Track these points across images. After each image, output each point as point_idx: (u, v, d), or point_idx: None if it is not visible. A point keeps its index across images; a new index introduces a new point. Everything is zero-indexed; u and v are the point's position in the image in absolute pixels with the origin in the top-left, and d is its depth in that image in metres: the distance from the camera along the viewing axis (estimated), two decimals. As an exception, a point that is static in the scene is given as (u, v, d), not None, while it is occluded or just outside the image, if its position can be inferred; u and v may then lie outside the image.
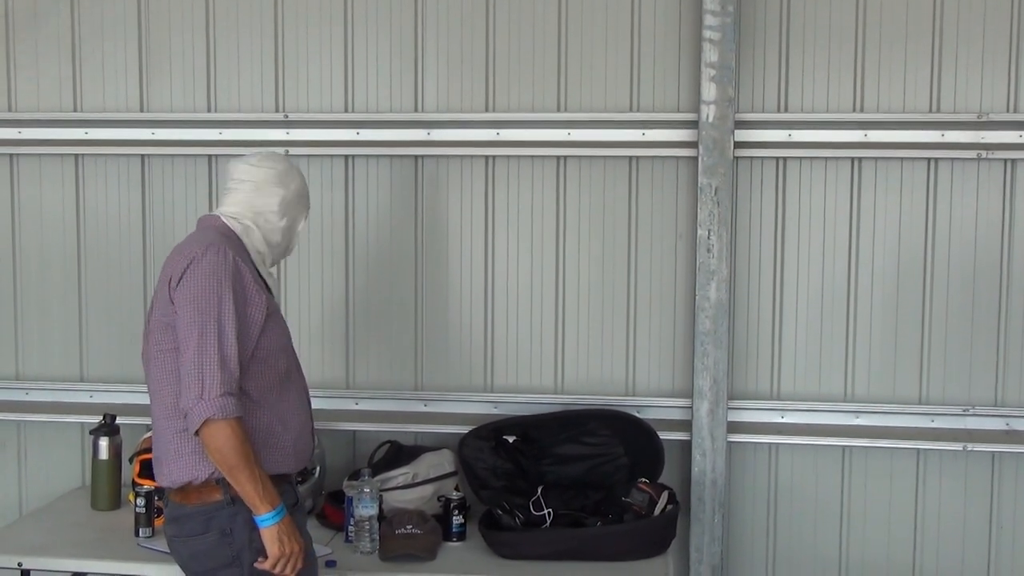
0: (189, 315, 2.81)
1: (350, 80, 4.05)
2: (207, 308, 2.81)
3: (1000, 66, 3.78)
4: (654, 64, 3.92)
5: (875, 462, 3.93)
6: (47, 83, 4.18)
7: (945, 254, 3.87)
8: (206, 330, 2.79)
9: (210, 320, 2.80)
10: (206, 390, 2.76)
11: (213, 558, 2.91)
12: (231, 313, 2.82)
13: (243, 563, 2.89)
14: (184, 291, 2.83)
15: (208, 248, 2.88)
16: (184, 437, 2.86)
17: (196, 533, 2.91)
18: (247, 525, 2.87)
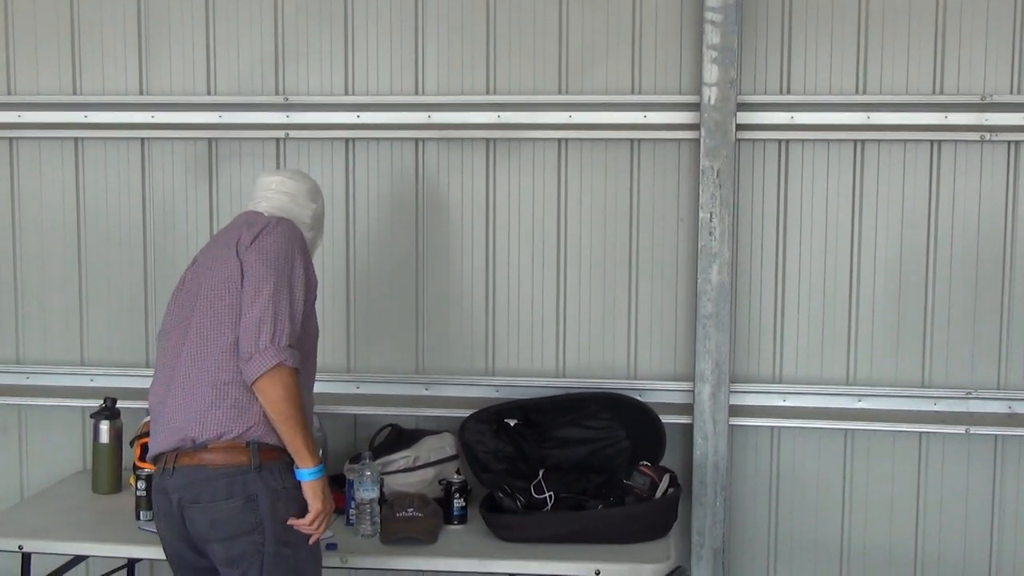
0: (264, 268, 2.94)
1: (350, 63, 4.03)
2: (283, 265, 2.96)
3: (1004, 47, 3.76)
4: (656, 46, 3.90)
5: (877, 445, 3.93)
6: (46, 66, 4.16)
7: (948, 237, 3.86)
8: (280, 283, 2.93)
9: (284, 277, 2.94)
10: (277, 337, 2.86)
11: (237, 524, 2.91)
12: (301, 277, 2.98)
13: (265, 531, 2.90)
14: (259, 248, 2.97)
15: (280, 220, 3.10)
16: (225, 391, 2.91)
17: (219, 498, 2.91)
18: (272, 494, 2.91)
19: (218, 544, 2.94)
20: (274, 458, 2.94)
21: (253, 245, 2.99)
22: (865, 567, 3.97)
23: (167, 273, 4.15)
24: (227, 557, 2.93)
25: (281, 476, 2.94)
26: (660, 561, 3.30)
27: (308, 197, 3.26)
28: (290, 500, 2.95)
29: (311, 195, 3.27)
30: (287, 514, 2.94)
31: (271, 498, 2.92)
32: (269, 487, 2.92)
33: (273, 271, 2.94)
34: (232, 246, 3.02)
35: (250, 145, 4.08)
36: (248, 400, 2.91)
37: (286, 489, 2.95)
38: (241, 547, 2.91)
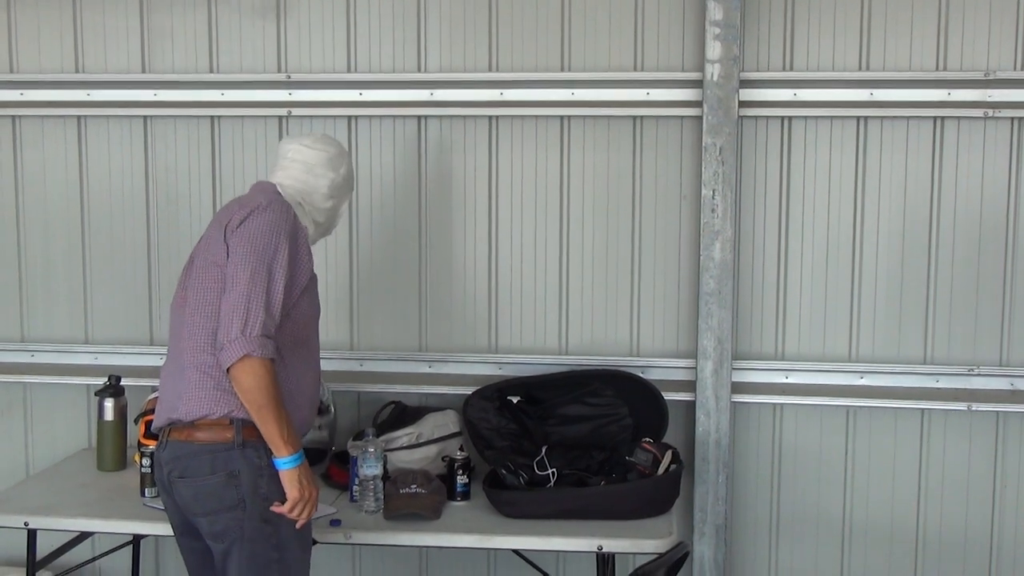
0: (243, 255, 2.90)
1: (352, 41, 4.03)
2: (263, 252, 2.92)
3: (1008, 23, 3.75)
4: (658, 23, 3.89)
5: (879, 422, 3.94)
6: (48, 44, 4.16)
7: (951, 214, 3.85)
8: (258, 272, 2.88)
9: (262, 264, 2.90)
10: (248, 327, 2.83)
11: (219, 499, 2.93)
12: (284, 263, 2.93)
13: (247, 508, 2.92)
14: (242, 233, 2.94)
15: (272, 201, 3.04)
16: (208, 373, 2.92)
17: (202, 473, 2.94)
18: (254, 471, 2.92)
19: (203, 518, 2.98)
20: (259, 436, 2.93)
21: (239, 229, 2.96)
22: (867, 543, 3.98)
23: (170, 251, 4.16)
24: (211, 532, 2.97)
25: (266, 453, 2.94)
26: (662, 537, 3.31)
27: (327, 166, 3.21)
28: (272, 477, 2.94)
29: (331, 164, 3.22)
30: (270, 491, 2.94)
31: (254, 475, 2.93)
32: (252, 464, 2.93)
33: (252, 258, 2.91)
34: (222, 228, 3.01)
35: (252, 123, 4.08)
36: (231, 383, 2.91)
37: (269, 467, 2.94)
38: (224, 522, 2.94)
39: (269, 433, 2.88)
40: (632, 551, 3.41)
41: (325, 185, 3.21)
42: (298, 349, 3.04)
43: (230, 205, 3.13)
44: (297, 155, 3.21)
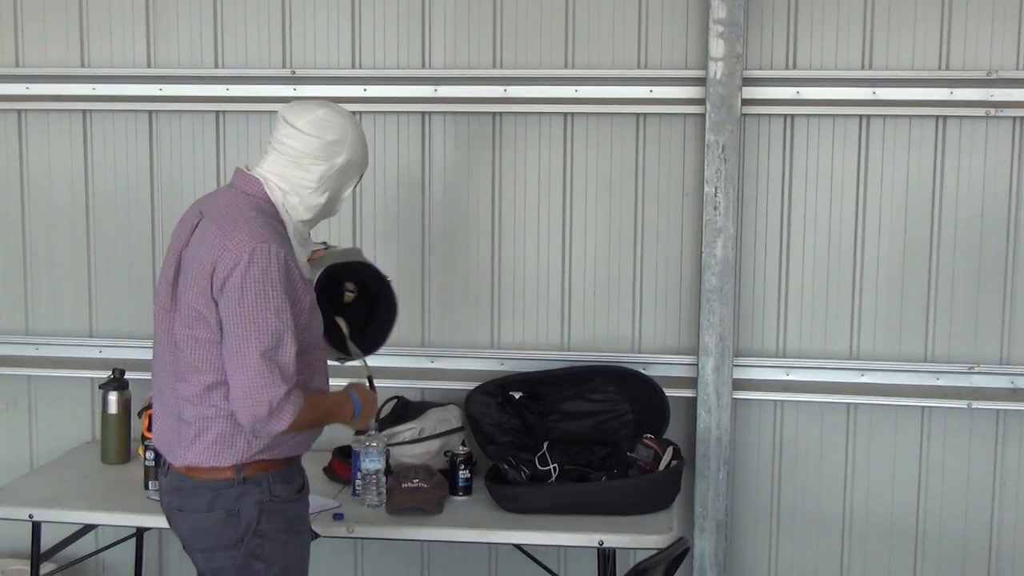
0: (244, 328, 2.66)
1: (357, 36, 4.04)
2: (263, 321, 2.66)
3: (1010, 23, 3.76)
4: (662, 21, 3.90)
5: (880, 419, 3.95)
6: (54, 39, 4.17)
7: (952, 212, 3.86)
8: (265, 341, 2.66)
9: (267, 334, 2.66)
10: (274, 405, 2.67)
11: (215, 538, 2.80)
12: (286, 316, 2.69)
13: (244, 546, 2.78)
14: (231, 297, 2.67)
15: (256, 250, 2.67)
16: (207, 424, 2.77)
17: (200, 510, 2.80)
18: (255, 507, 2.78)
19: (199, 554, 2.85)
20: (263, 469, 2.81)
21: (225, 291, 2.68)
22: (867, 540, 4.00)
23: (175, 245, 4.17)
24: (207, 568, 2.85)
25: (270, 487, 2.81)
26: (663, 532, 3.33)
27: (318, 156, 2.83)
28: (274, 512, 2.80)
29: (324, 153, 2.83)
30: (269, 527, 2.79)
31: (254, 512, 2.78)
32: (252, 500, 2.78)
33: (255, 330, 2.66)
34: (208, 273, 2.71)
35: (258, 117, 4.08)
36: (232, 431, 2.77)
37: (272, 501, 2.80)
38: (220, 561, 2.80)
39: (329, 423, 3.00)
40: (633, 546, 3.43)
41: (313, 179, 2.84)
42: (306, 371, 2.84)
43: (215, 238, 2.73)
44: (287, 139, 2.84)
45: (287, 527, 2.85)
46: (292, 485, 2.88)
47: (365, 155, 2.97)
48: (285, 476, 2.86)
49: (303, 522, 2.94)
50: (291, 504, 2.86)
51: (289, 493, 2.85)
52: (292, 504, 2.87)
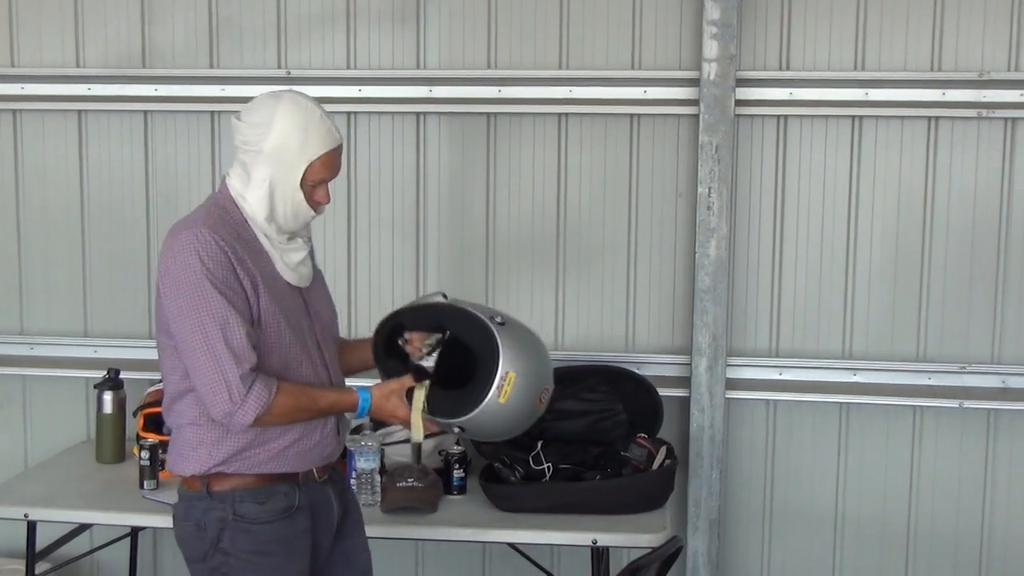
0: (184, 319, 2.56)
1: (352, 37, 4.05)
2: (199, 306, 2.55)
3: (1001, 24, 3.78)
4: (656, 22, 3.92)
5: (872, 419, 3.97)
6: (49, 39, 4.18)
7: (944, 213, 3.88)
8: (208, 334, 2.54)
9: (206, 317, 2.54)
10: (234, 396, 2.56)
11: (187, 548, 2.75)
12: (224, 304, 2.55)
13: (208, 561, 2.70)
14: (169, 291, 2.58)
15: (179, 236, 2.58)
16: (178, 432, 2.73)
17: (179, 518, 2.77)
18: (218, 523, 2.68)
19: (186, 564, 2.79)
20: (230, 486, 2.70)
21: (160, 291, 2.62)
22: (859, 538, 4.02)
23: (170, 245, 4.18)
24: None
25: (233, 505, 2.68)
26: (656, 531, 3.34)
27: (247, 143, 2.64)
28: (237, 532, 2.68)
29: (250, 138, 2.64)
30: (233, 546, 2.68)
31: (217, 527, 2.68)
32: (216, 516, 2.68)
33: (193, 316, 2.54)
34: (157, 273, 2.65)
35: (252, 118, 4.09)
36: (196, 441, 2.68)
37: (236, 520, 2.68)
38: (194, 572, 2.75)
39: (329, 414, 2.75)
40: (626, 545, 3.44)
41: (248, 171, 2.65)
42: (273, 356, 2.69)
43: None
44: (235, 133, 2.67)
45: (256, 548, 2.69)
46: (266, 506, 2.70)
47: (304, 140, 2.63)
48: (257, 495, 2.70)
49: (283, 544, 2.72)
50: (264, 525, 2.69)
51: (259, 513, 2.69)
52: (265, 526, 2.69)
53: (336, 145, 2.70)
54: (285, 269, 2.72)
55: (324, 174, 2.69)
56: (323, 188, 2.72)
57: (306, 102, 2.68)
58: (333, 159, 2.70)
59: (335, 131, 2.70)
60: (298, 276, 2.76)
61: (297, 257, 2.75)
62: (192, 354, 2.58)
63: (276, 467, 2.72)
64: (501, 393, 2.68)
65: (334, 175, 2.73)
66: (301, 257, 2.77)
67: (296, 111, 2.65)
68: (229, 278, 2.58)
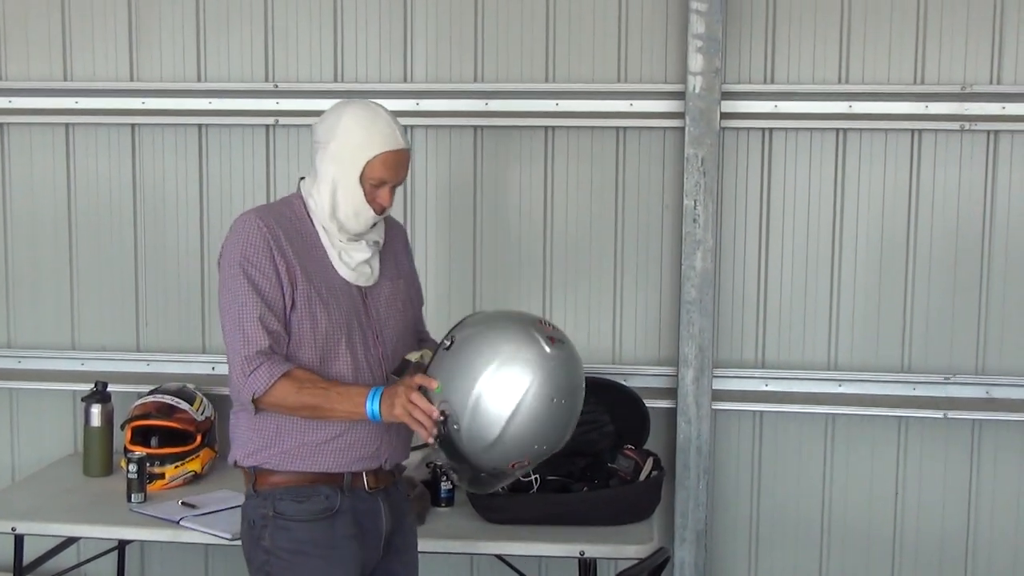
0: (222, 299, 2.71)
1: (339, 50, 4.07)
2: (231, 288, 2.67)
3: (984, 38, 3.82)
4: (641, 35, 3.94)
5: (858, 429, 3.99)
6: (37, 52, 4.18)
7: (928, 225, 3.91)
8: (230, 312, 2.67)
9: (234, 301, 2.67)
10: (247, 365, 2.64)
11: (244, 546, 2.82)
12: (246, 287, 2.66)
13: (256, 558, 2.76)
14: (220, 271, 2.73)
15: (232, 231, 2.72)
16: (235, 416, 2.81)
17: (241, 519, 2.85)
18: (261, 520, 2.75)
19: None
20: (271, 484, 2.76)
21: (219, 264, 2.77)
22: (845, 548, 4.04)
23: (157, 258, 4.19)
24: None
25: (274, 503, 2.74)
26: (643, 543, 3.35)
27: (317, 143, 2.76)
28: (277, 529, 2.73)
29: (321, 139, 2.75)
30: (273, 544, 2.73)
31: (261, 524, 2.75)
32: (260, 513, 2.75)
33: (227, 296, 2.69)
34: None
35: (240, 131, 4.11)
36: (246, 426, 2.77)
37: (275, 516, 2.74)
38: (251, 572, 2.81)
39: (337, 416, 2.68)
40: (614, 556, 3.45)
41: (316, 170, 2.76)
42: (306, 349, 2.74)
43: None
44: (311, 135, 2.80)
45: (294, 548, 2.73)
46: (304, 505, 2.73)
47: (366, 138, 2.70)
48: (297, 494, 2.74)
49: (320, 547, 2.74)
50: (301, 524, 2.73)
51: (297, 512, 2.73)
52: (303, 524, 2.73)
53: (398, 147, 2.73)
54: (342, 266, 2.78)
55: (383, 174, 2.72)
56: (385, 190, 2.75)
57: (376, 106, 2.78)
58: (392, 159, 2.73)
59: (400, 136, 2.75)
60: (356, 275, 2.80)
61: (359, 256, 2.80)
62: (223, 330, 2.71)
63: (315, 465, 2.75)
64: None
65: (395, 178, 2.75)
66: (363, 257, 2.80)
67: (362, 111, 2.74)
68: (262, 262, 2.68)
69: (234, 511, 3.39)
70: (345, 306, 2.78)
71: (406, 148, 2.76)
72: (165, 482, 3.73)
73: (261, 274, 2.68)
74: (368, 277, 2.83)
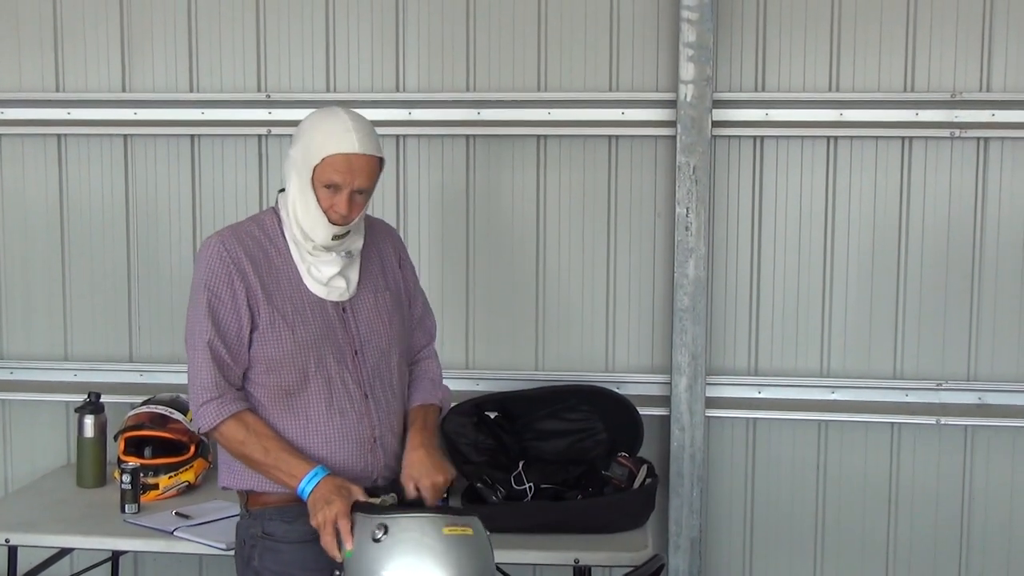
0: (185, 327, 2.72)
1: (332, 60, 4.07)
2: (192, 310, 2.69)
3: (973, 45, 3.83)
4: (633, 44, 3.96)
5: (851, 436, 3.99)
6: (28, 63, 4.18)
7: (919, 231, 3.92)
8: (191, 340, 2.68)
9: (193, 321, 2.67)
10: (192, 402, 2.68)
11: (238, 566, 2.80)
12: (205, 313, 2.64)
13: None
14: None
15: (203, 245, 2.72)
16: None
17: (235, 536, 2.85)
18: (250, 540, 2.73)
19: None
20: (262, 503, 2.74)
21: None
22: (839, 555, 4.04)
23: (150, 268, 4.19)
24: None
25: (263, 523, 2.72)
26: (638, 550, 3.35)
27: (293, 139, 2.71)
28: (265, 550, 2.71)
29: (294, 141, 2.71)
30: (261, 565, 2.71)
31: (251, 544, 2.73)
32: (251, 533, 2.74)
33: (189, 316, 2.70)
34: None
35: (232, 141, 4.11)
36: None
37: (263, 537, 2.71)
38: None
39: (270, 478, 2.65)
40: (608, 564, 3.45)
41: (287, 176, 2.71)
42: (283, 396, 2.71)
43: None
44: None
45: (281, 570, 2.70)
46: (292, 525, 2.67)
47: (319, 140, 2.63)
48: (285, 514, 2.69)
49: (308, 571, 2.66)
50: (290, 545, 2.69)
51: (285, 533, 2.69)
52: (291, 546, 2.69)
53: (350, 151, 2.62)
54: (312, 282, 2.73)
55: (332, 176, 2.62)
56: (342, 196, 2.64)
57: (340, 111, 2.70)
58: (343, 162, 2.62)
59: (359, 139, 2.63)
60: (328, 290, 2.74)
61: (328, 271, 2.73)
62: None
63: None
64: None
65: (348, 182, 2.63)
66: (334, 271, 2.74)
67: (321, 115, 2.69)
68: (221, 289, 2.66)
69: (228, 521, 3.41)
70: (316, 325, 2.72)
71: (363, 153, 2.63)
72: (159, 492, 3.73)
73: (219, 302, 2.65)
74: (342, 292, 2.76)
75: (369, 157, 2.66)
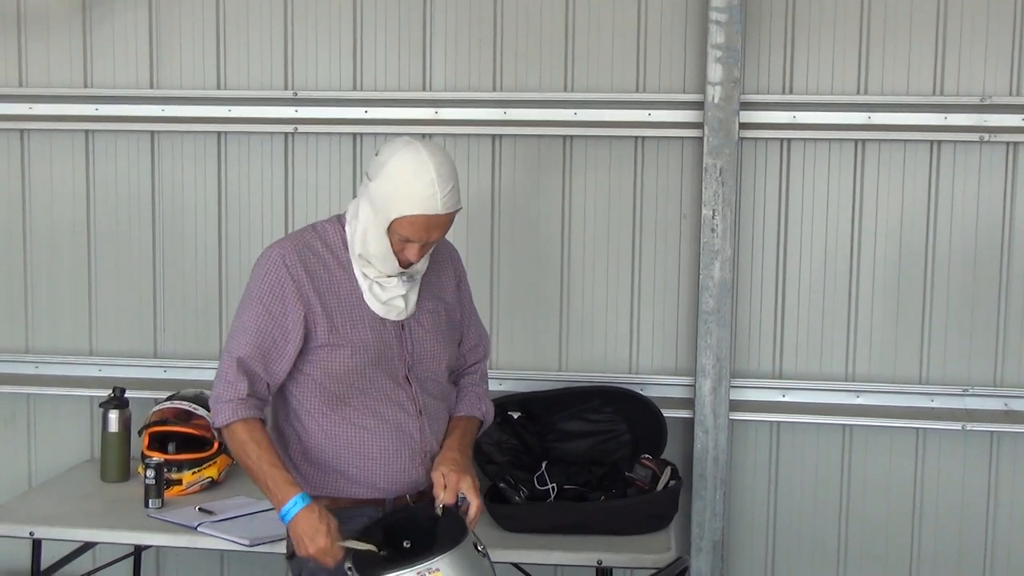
0: (232, 322, 2.77)
1: (359, 58, 4.08)
2: (238, 322, 2.72)
3: (1003, 50, 3.81)
4: (660, 45, 3.95)
5: (875, 441, 3.98)
6: (58, 59, 4.21)
7: (946, 236, 3.90)
8: (230, 344, 2.71)
9: (237, 335, 2.70)
10: (215, 399, 2.70)
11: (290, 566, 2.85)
12: (258, 318, 2.67)
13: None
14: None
15: (264, 254, 2.73)
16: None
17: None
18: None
19: None
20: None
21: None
22: (862, 560, 4.02)
23: (175, 265, 4.20)
24: None
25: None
26: (661, 552, 3.35)
27: (376, 167, 2.66)
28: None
29: (368, 170, 2.70)
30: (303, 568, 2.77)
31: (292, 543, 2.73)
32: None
33: (234, 324, 2.75)
34: None
35: (259, 139, 4.12)
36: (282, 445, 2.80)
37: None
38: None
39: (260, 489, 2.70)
40: (631, 566, 3.45)
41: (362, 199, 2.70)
42: (327, 406, 2.74)
43: None
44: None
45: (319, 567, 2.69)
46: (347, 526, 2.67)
47: (402, 193, 2.61)
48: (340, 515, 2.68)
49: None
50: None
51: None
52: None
53: (432, 212, 2.62)
54: (372, 300, 2.75)
55: (409, 233, 2.64)
56: (413, 247, 2.68)
57: (429, 158, 2.63)
58: (423, 223, 2.63)
59: (440, 199, 2.62)
60: (387, 309, 2.76)
61: (386, 295, 2.75)
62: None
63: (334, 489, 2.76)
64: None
65: (423, 239, 2.66)
66: (392, 295, 2.75)
67: (410, 163, 2.62)
68: (272, 304, 2.68)
69: (251, 517, 3.42)
70: (372, 343, 2.74)
71: (442, 214, 2.63)
72: (182, 488, 3.75)
73: (270, 317, 2.68)
74: (400, 311, 2.78)
75: (447, 215, 2.67)
